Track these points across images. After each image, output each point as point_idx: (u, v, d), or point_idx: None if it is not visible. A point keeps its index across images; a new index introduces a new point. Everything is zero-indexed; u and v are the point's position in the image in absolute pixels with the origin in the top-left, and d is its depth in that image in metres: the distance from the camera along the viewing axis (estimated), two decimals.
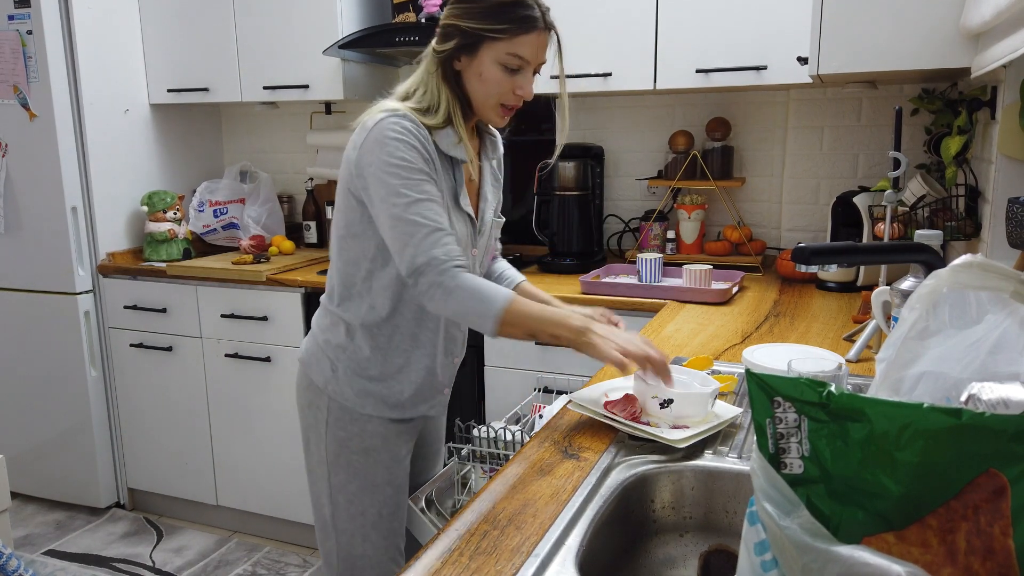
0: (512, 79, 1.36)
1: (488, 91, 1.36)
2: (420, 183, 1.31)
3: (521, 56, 1.35)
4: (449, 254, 1.29)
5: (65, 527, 2.97)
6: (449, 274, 1.28)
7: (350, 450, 1.49)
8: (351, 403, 1.47)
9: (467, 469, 1.72)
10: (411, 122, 1.33)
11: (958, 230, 1.87)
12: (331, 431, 1.49)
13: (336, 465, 1.50)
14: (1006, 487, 0.53)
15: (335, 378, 1.48)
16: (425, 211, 1.30)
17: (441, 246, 1.29)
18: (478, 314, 1.28)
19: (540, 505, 1.03)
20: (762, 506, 0.62)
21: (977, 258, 0.72)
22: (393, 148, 1.30)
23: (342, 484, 1.50)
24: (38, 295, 2.92)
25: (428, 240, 1.28)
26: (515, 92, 1.37)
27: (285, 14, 2.77)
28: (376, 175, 1.31)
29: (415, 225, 1.29)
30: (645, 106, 2.81)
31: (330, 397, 1.48)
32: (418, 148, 1.32)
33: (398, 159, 1.30)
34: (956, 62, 1.71)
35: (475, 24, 1.33)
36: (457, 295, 1.28)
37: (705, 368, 1.53)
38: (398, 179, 1.29)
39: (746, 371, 0.66)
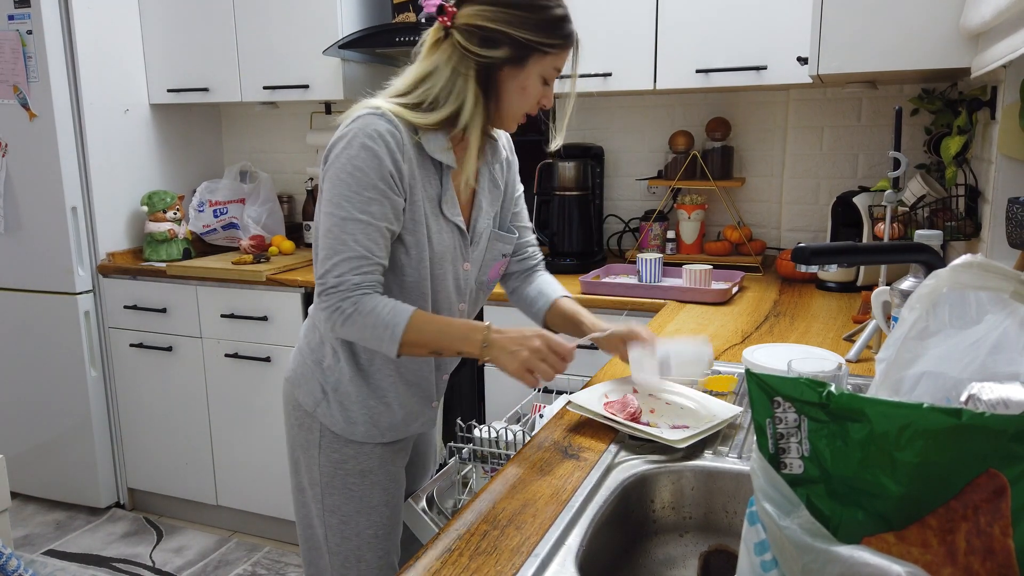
0: (543, 90, 1.32)
1: (522, 101, 1.30)
2: (367, 202, 1.22)
3: (559, 69, 1.31)
4: (361, 284, 1.23)
5: (65, 527, 2.97)
6: (350, 300, 1.22)
7: (346, 471, 1.42)
8: (341, 429, 1.40)
9: (468, 469, 1.72)
10: (389, 125, 1.24)
11: (958, 230, 1.87)
12: (324, 453, 1.42)
13: (330, 487, 1.42)
14: (1006, 487, 0.53)
15: (326, 402, 1.40)
16: (358, 233, 1.22)
17: (357, 273, 1.23)
18: (378, 339, 1.24)
19: (540, 505, 1.03)
20: (762, 506, 0.62)
21: (977, 258, 0.72)
22: (355, 154, 1.23)
23: (336, 506, 1.43)
24: (38, 295, 2.92)
25: (346, 264, 1.22)
26: (540, 103, 1.33)
27: (285, 14, 2.78)
28: (331, 177, 1.25)
29: (342, 245, 1.23)
30: (645, 106, 2.81)
31: (321, 422, 1.41)
32: (384, 159, 1.23)
33: (355, 168, 1.23)
34: (956, 62, 1.71)
35: (530, 36, 1.24)
36: (355, 320, 1.23)
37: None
38: (348, 189, 1.23)
39: (746, 371, 0.66)
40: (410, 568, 0.89)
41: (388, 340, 1.23)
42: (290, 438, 1.48)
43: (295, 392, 1.44)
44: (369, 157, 1.22)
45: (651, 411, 1.28)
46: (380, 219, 1.24)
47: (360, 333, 1.25)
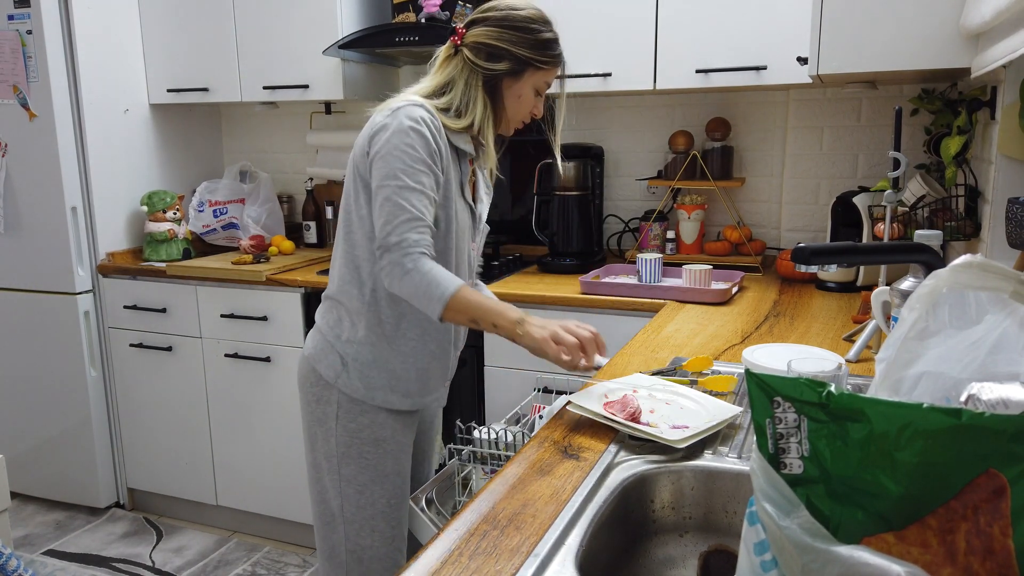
0: (535, 101, 1.56)
1: (521, 110, 1.55)
2: (418, 173, 1.40)
3: (549, 84, 1.57)
4: (419, 242, 1.39)
5: (65, 527, 2.97)
6: (411, 256, 1.38)
7: (361, 441, 1.55)
8: (361, 395, 1.54)
9: (468, 470, 1.72)
10: (429, 113, 1.45)
11: (958, 230, 1.87)
12: (341, 424, 1.55)
13: (347, 457, 1.55)
14: (1006, 487, 0.53)
15: (345, 371, 1.53)
16: (413, 199, 1.39)
17: (415, 232, 1.39)
18: (428, 297, 1.37)
19: (540, 505, 1.03)
20: (762, 506, 0.62)
21: (977, 258, 0.72)
22: (405, 135, 1.41)
23: (352, 475, 1.56)
24: (38, 295, 2.92)
25: (406, 224, 1.38)
26: (532, 113, 1.58)
27: (285, 14, 2.78)
28: (384, 156, 1.41)
29: (400, 208, 1.39)
30: (645, 106, 2.81)
31: (340, 391, 1.54)
32: (429, 139, 1.42)
33: (406, 145, 1.40)
34: (956, 62, 1.71)
35: (527, 53, 1.50)
36: (413, 277, 1.37)
37: (705, 368, 1.53)
38: (400, 164, 1.40)
39: (746, 371, 0.66)
40: (410, 568, 0.89)
41: (437, 300, 1.36)
42: (306, 415, 1.60)
43: (316, 367, 1.56)
44: (417, 136, 1.41)
45: (651, 411, 1.28)
46: (429, 189, 1.42)
47: (414, 290, 1.38)
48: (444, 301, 1.36)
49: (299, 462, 2.74)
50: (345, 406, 1.55)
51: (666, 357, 1.68)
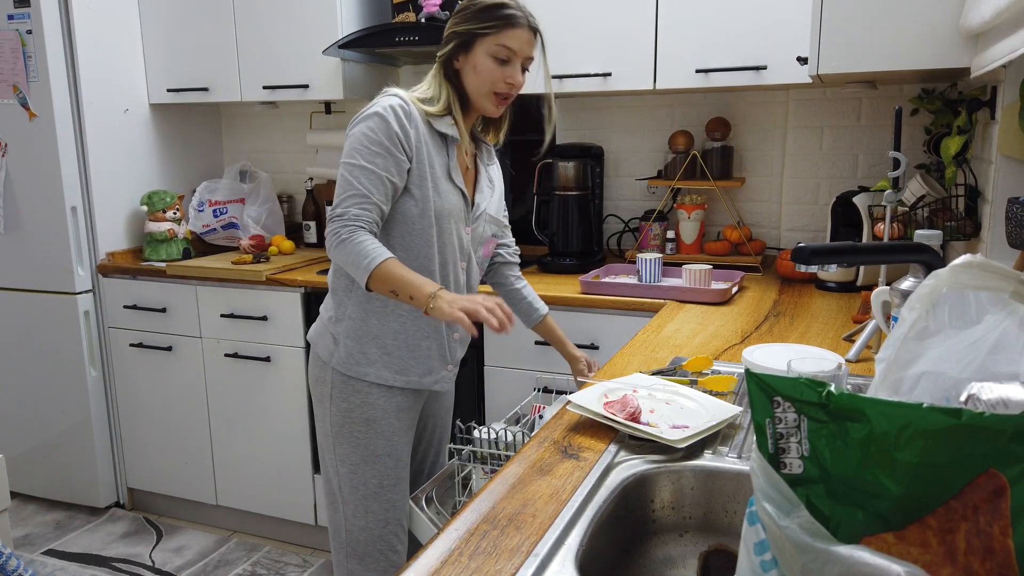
0: (503, 70, 1.54)
1: (482, 81, 1.55)
2: (374, 155, 1.48)
3: (509, 47, 1.53)
4: (360, 216, 1.47)
5: (65, 527, 2.97)
6: (348, 227, 1.46)
7: (352, 420, 1.61)
8: (353, 372, 1.60)
9: (468, 470, 1.72)
10: (401, 101, 1.52)
11: (958, 230, 1.87)
12: (335, 403, 1.62)
13: (340, 436, 1.63)
14: (1006, 487, 0.53)
15: (337, 349, 1.61)
16: (363, 177, 1.48)
17: (358, 207, 1.47)
18: (356, 266, 1.45)
19: (540, 505, 1.03)
20: (762, 506, 0.62)
21: (977, 258, 0.72)
22: (368, 121, 1.50)
23: (345, 455, 1.63)
24: (38, 295, 2.92)
25: (351, 199, 1.47)
26: (506, 81, 1.55)
27: (285, 14, 2.78)
28: (348, 141, 1.52)
29: (348, 184, 1.48)
30: (645, 106, 2.81)
31: (334, 369, 1.61)
32: (391, 123, 1.49)
33: (368, 129, 1.49)
34: (956, 62, 1.71)
35: (468, 26, 1.54)
36: (346, 246, 1.46)
37: (705, 368, 1.53)
38: (358, 145, 1.49)
39: (746, 371, 0.66)
40: (410, 568, 0.89)
41: (364, 269, 1.44)
42: (312, 395, 1.69)
43: (315, 348, 1.66)
44: (379, 121, 1.50)
45: (651, 411, 1.28)
46: (382, 169, 1.49)
47: (346, 258, 1.46)
48: (369, 270, 1.43)
49: (299, 462, 2.75)
50: (339, 385, 1.61)
51: (666, 357, 1.68)
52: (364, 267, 1.44)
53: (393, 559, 1.67)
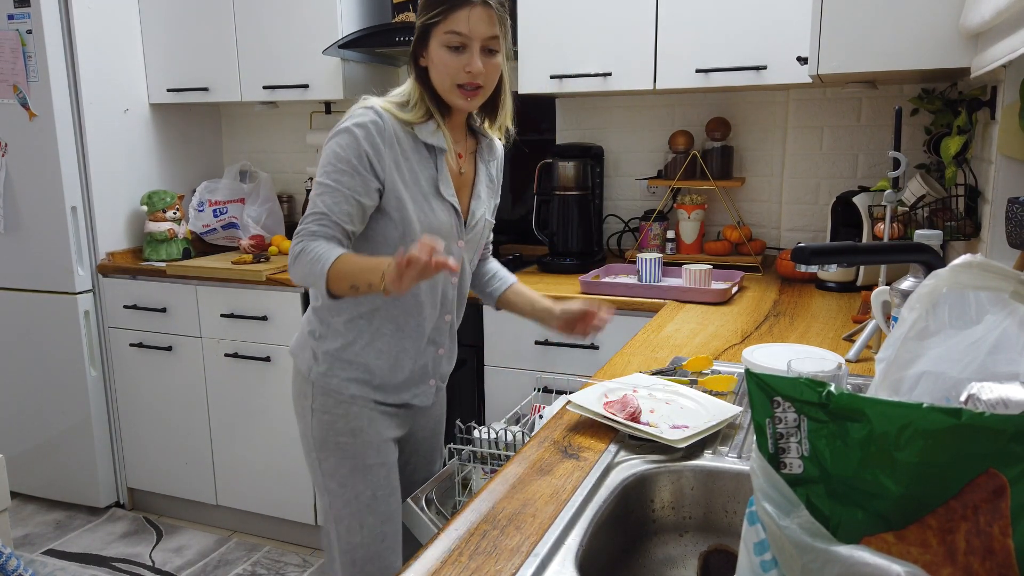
0: (459, 58, 1.40)
1: (441, 75, 1.42)
2: (340, 173, 1.40)
3: (458, 32, 1.39)
4: (316, 233, 1.38)
5: (65, 527, 2.97)
6: (301, 243, 1.38)
7: (337, 431, 1.52)
8: (335, 386, 1.52)
9: (468, 470, 1.72)
10: (376, 114, 1.42)
11: (958, 230, 1.87)
12: (316, 415, 1.53)
13: (324, 450, 1.53)
14: (1006, 487, 0.53)
15: (316, 364, 1.53)
16: (326, 197, 1.40)
17: (316, 224, 1.39)
18: (311, 275, 1.35)
19: (540, 505, 1.03)
20: (762, 506, 0.62)
21: (977, 258, 0.72)
22: (336, 137, 1.42)
23: (333, 469, 1.53)
24: (38, 295, 2.92)
25: (311, 218, 1.40)
26: (465, 70, 1.40)
27: (285, 14, 2.78)
28: (320, 156, 1.46)
29: (312, 205, 1.42)
30: (645, 106, 2.81)
31: (314, 383, 1.53)
32: (359, 140, 1.40)
33: (336, 146, 1.41)
34: (956, 62, 1.71)
35: (421, 18, 1.44)
36: (300, 260, 1.37)
37: (705, 368, 1.53)
38: (327, 164, 1.42)
39: (746, 371, 0.66)
40: (410, 568, 0.89)
41: (319, 274, 1.33)
42: (295, 409, 1.60)
43: (296, 362, 1.59)
44: (348, 139, 1.40)
45: (651, 411, 1.28)
46: (347, 188, 1.40)
47: (302, 270, 1.37)
48: (324, 275, 1.33)
49: (299, 462, 2.75)
50: (319, 399, 1.53)
51: (666, 357, 1.68)
52: (318, 273, 1.33)
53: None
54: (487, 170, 1.61)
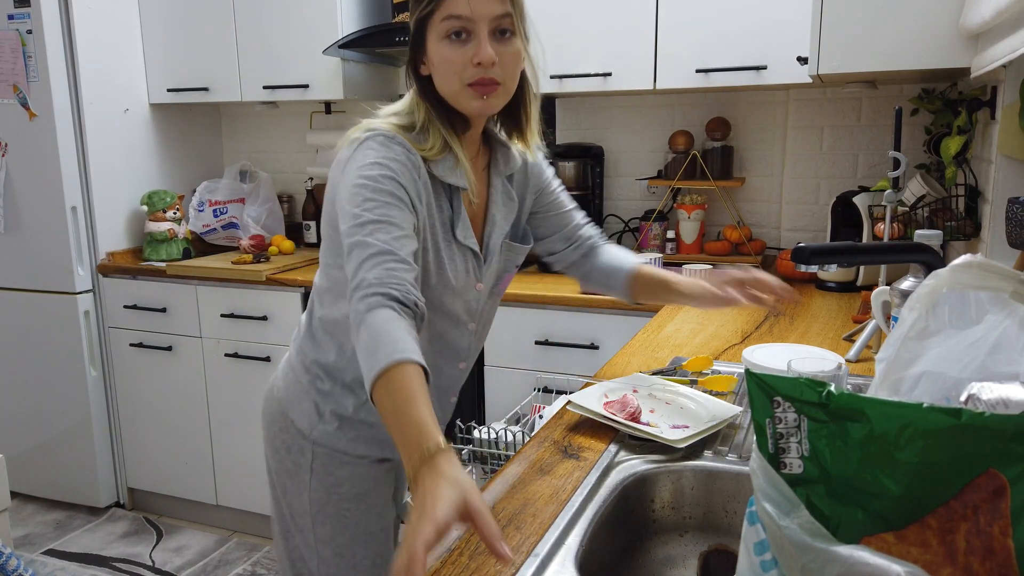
0: (463, 49, 1.12)
1: (447, 76, 1.14)
2: (381, 206, 1.07)
3: (457, 15, 1.10)
4: (383, 280, 1.01)
5: (65, 527, 2.97)
6: (365, 301, 0.99)
7: (340, 497, 1.31)
8: (342, 446, 1.29)
9: (468, 470, 1.72)
10: (398, 144, 1.14)
11: (958, 230, 1.87)
12: (317, 477, 1.30)
13: (322, 515, 1.31)
14: (1006, 487, 0.53)
15: (323, 423, 1.28)
16: (377, 232, 1.05)
17: (380, 267, 1.02)
18: (364, 366, 0.96)
19: (540, 505, 1.03)
20: (762, 506, 0.62)
21: (977, 258, 0.72)
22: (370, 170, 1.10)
23: (330, 536, 1.32)
24: (38, 295, 2.92)
25: (368, 263, 1.02)
26: (473, 62, 1.12)
27: (285, 14, 2.77)
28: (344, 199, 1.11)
29: (362, 247, 1.04)
30: (645, 106, 2.81)
31: (315, 442, 1.29)
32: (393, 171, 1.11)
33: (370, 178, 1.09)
34: (956, 62, 1.71)
35: (414, 14, 1.16)
36: (361, 332, 0.98)
37: (705, 368, 1.53)
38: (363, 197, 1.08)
39: (746, 371, 0.66)
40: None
41: (367, 371, 0.95)
42: (274, 462, 1.35)
43: (288, 412, 1.31)
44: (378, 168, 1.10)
45: (651, 411, 1.28)
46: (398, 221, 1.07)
47: (360, 348, 0.98)
48: (371, 382, 0.93)
49: None
50: (321, 458, 1.30)
51: (666, 357, 1.68)
52: (367, 371, 0.94)
53: None
54: (504, 186, 1.31)
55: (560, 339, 2.32)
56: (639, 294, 1.41)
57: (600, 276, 1.45)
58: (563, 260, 1.46)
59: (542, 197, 1.40)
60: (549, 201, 1.41)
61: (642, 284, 1.40)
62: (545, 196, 1.40)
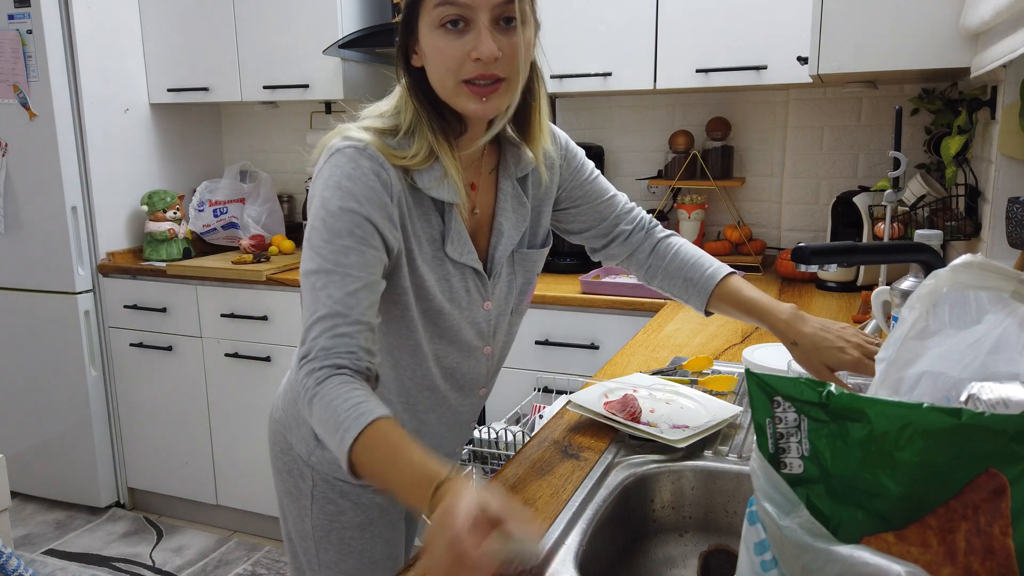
0: (460, 41, 0.97)
1: (440, 71, 0.99)
2: (340, 251, 0.97)
3: (455, 2, 0.95)
4: (332, 349, 0.94)
5: (65, 527, 2.97)
6: (315, 375, 0.93)
7: (343, 525, 1.22)
8: (342, 475, 1.17)
9: (468, 470, 1.72)
10: (368, 159, 1.00)
11: (958, 230, 1.87)
12: (318, 504, 1.22)
13: (325, 541, 1.23)
14: (1006, 487, 0.53)
15: (320, 447, 1.19)
16: (329, 287, 0.96)
17: (332, 335, 0.95)
18: (332, 442, 0.91)
19: (540, 505, 1.03)
20: (762, 506, 0.62)
21: (977, 258, 0.72)
22: (331, 197, 0.99)
23: (333, 562, 1.24)
24: (38, 295, 2.92)
25: (319, 325, 0.95)
26: (471, 57, 0.96)
27: (285, 14, 2.77)
28: (309, 221, 1.01)
29: (313, 303, 0.96)
30: (645, 106, 2.80)
31: (315, 468, 1.21)
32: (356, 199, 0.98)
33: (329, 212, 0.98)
34: (956, 62, 1.71)
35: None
36: (315, 406, 0.93)
37: (705, 368, 1.53)
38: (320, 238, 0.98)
39: (746, 371, 0.66)
40: (411, 568, 0.89)
41: (338, 447, 0.89)
42: (278, 481, 1.29)
43: (288, 436, 1.24)
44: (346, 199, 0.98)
45: (651, 411, 1.28)
46: (355, 270, 0.97)
47: (318, 425, 0.93)
48: (344, 449, 0.88)
49: None
50: (321, 486, 1.21)
51: (666, 357, 1.68)
52: (338, 445, 0.89)
53: None
54: (514, 190, 1.16)
55: (560, 339, 2.32)
56: (722, 308, 1.24)
57: (671, 279, 1.27)
58: (613, 256, 1.30)
59: (574, 190, 1.25)
60: (581, 194, 1.25)
61: (727, 301, 1.23)
62: (578, 188, 1.25)
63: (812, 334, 1.16)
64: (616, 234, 1.28)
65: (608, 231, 1.28)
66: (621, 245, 1.29)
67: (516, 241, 1.17)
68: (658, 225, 1.32)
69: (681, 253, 1.27)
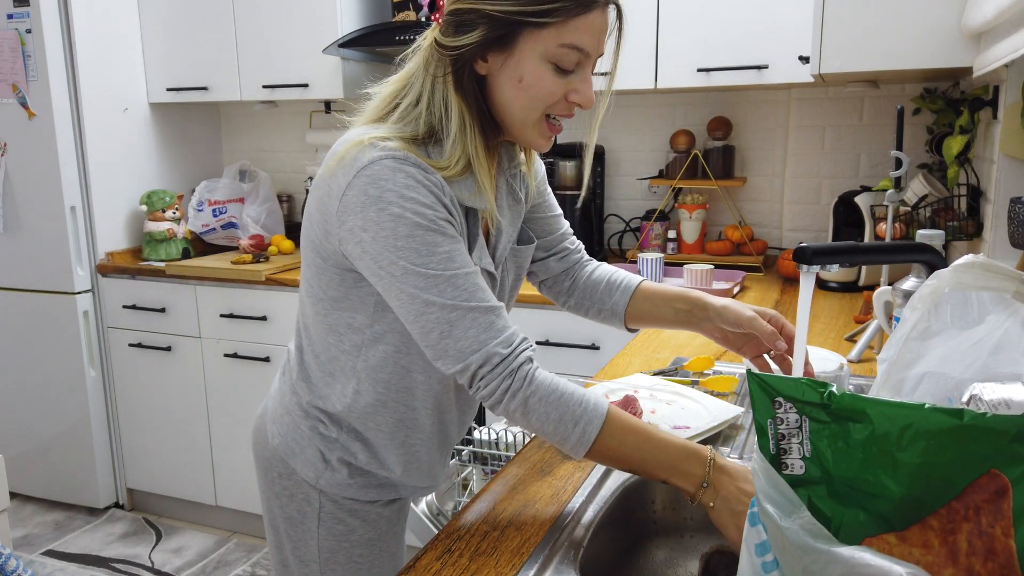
0: (565, 81, 0.97)
1: (529, 98, 0.97)
2: (447, 255, 0.94)
3: (580, 47, 0.94)
4: (510, 342, 0.95)
5: (64, 527, 2.97)
6: (519, 374, 0.94)
7: (352, 544, 1.19)
8: (352, 493, 1.15)
9: (468, 471, 1.71)
10: (415, 167, 0.94)
11: (960, 230, 1.86)
12: (325, 526, 1.17)
13: (332, 562, 1.19)
14: (1007, 488, 0.53)
15: (329, 469, 1.14)
16: (464, 285, 0.94)
17: (496, 332, 0.95)
18: (562, 437, 0.95)
19: (540, 506, 1.02)
20: (763, 507, 0.62)
21: (979, 258, 0.71)
22: (400, 207, 0.92)
23: None
24: (37, 295, 2.92)
25: (476, 327, 0.94)
26: (569, 99, 0.98)
27: (285, 13, 2.77)
28: (379, 247, 0.93)
29: (454, 310, 0.93)
30: (646, 105, 2.80)
31: (322, 491, 1.15)
32: (433, 202, 0.95)
33: (411, 223, 0.92)
34: (958, 61, 1.70)
35: (510, 6, 0.92)
36: (535, 409, 0.94)
37: (706, 368, 1.52)
38: (416, 254, 0.93)
39: (747, 371, 0.65)
40: (410, 569, 0.89)
41: (575, 442, 0.94)
42: (278, 509, 1.20)
43: (290, 462, 1.16)
44: (418, 205, 0.93)
45: (652, 411, 1.27)
46: (468, 262, 0.97)
47: (541, 426, 0.95)
48: (587, 443, 0.94)
49: None
50: (328, 507, 1.16)
51: (667, 357, 1.67)
52: (577, 440, 0.94)
53: None
54: (508, 186, 1.15)
55: (561, 339, 2.31)
56: (642, 313, 1.27)
57: (594, 294, 1.31)
58: (548, 271, 1.31)
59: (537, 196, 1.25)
60: (541, 202, 1.27)
61: (647, 301, 1.26)
62: (539, 196, 1.25)
63: (722, 307, 1.19)
64: (559, 250, 1.30)
65: (553, 245, 1.30)
66: (559, 261, 1.31)
67: (513, 238, 1.18)
68: (584, 252, 1.36)
69: (605, 267, 1.34)
